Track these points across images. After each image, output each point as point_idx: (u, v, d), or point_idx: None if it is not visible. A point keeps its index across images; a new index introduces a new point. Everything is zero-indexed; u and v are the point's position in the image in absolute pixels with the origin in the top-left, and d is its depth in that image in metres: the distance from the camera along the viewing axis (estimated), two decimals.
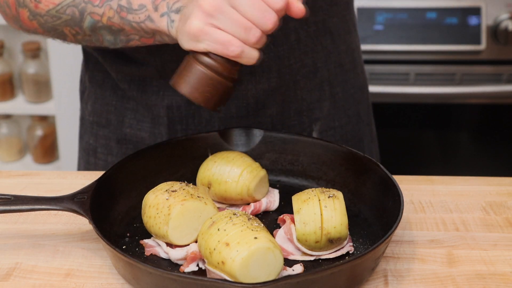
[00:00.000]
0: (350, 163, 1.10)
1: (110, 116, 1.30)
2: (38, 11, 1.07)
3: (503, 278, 0.94)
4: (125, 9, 1.01)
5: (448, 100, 2.17)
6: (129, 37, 1.04)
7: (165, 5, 0.98)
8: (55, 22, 1.06)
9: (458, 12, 2.10)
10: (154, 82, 1.23)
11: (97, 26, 1.04)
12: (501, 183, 1.18)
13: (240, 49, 0.92)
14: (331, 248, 0.97)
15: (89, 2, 1.03)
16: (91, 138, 1.34)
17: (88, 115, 1.34)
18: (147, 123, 1.26)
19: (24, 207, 0.98)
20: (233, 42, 0.92)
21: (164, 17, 0.98)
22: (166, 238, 0.97)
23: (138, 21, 1.00)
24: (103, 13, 1.02)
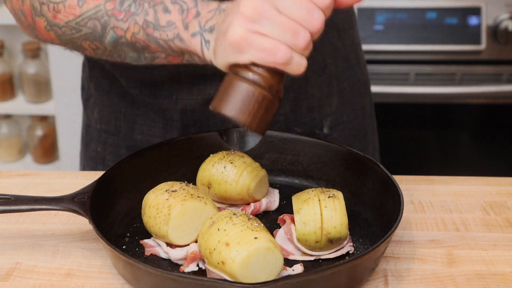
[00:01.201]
0: (350, 163, 1.10)
1: (120, 123, 1.28)
2: (56, 21, 0.99)
3: (503, 278, 0.94)
4: (152, 25, 0.93)
5: (448, 100, 2.17)
6: (154, 54, 0.97)
7: (197, 23, 0.90)
8: (74, 35, 0.99)
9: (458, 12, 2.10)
10: (166, 86, 1.22)
11: (120, 42, 0.97)
12: (501, 183, 1.18)
13: (288, 54, 0.84)
14: (331, 248, 0.97)
15: (112, 16, 0.95)
16: (98, 146, 1.31)
17: (95, 122, 1.31)
18: (159, 128, 1.25)
19: (24, 207, 0.98)
20: (280, 47, 0.84)
21: (196, 37, 0.90)
22: (166, 238, 0.97)
23: (166, 39, 0.92)
24: (127, 28, 0.95)
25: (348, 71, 1.31)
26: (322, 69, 1.26)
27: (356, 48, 1.34)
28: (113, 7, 0.95)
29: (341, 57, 1.29)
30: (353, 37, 1.33)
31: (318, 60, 1.25)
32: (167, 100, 1.23)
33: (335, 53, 1.28)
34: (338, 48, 1.28)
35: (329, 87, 1.28)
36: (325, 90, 1.28)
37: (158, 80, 1.21)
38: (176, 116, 1.23)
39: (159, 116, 1.25)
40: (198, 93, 1.21)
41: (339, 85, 1.29)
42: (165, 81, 1.21)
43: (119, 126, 1.28)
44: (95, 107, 1.32)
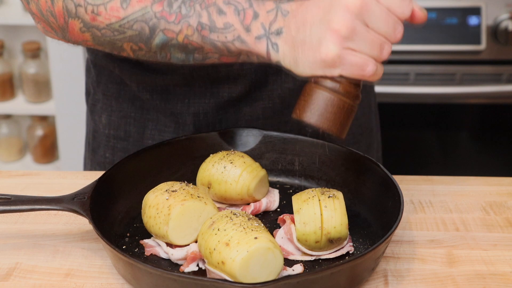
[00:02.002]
0: (350, 163, 1.10)
1: (129, 128, 1.27)
2: (96, 23, 0.98)
3: (503, 278, 0.94)
4: (207, 27, 0.93)
5: (448, 100, 2.17)
6: (206, 55, 0.97)
7: (260, 26, 0.91)
8: (116, 37, 0.98)
9: (458, 12, 2.10)
10: (178, 90, 1.21)
11: (169, 44, 0.96)
12: (501, 183, 1.18)
13: (375, 68, 0.88)
14: (331, 248, 0.97)
15: (162, 18, 0.94)
16: (107, 151, 1.31)
17: (103, 128, 1.31)
18: (170, 133, 1.25)
19: (24, 207, 0.98)
20: (369, 63, 0.87)
21: (262, 40, 0.91)
22: (166, 238, 0.97)
23: (224, 41, 0.93)
24: (179, 30, 0.94)
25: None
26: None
27: None
28: (162, 9, 0.95)
29: None
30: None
31: None
32: (179, 104, 1.22)
33: None
34: None
35: None
36: None
37: (170, 84, 1.21)
38: (189, 119, 1.23)
39: (171, 120, 1.24)
40: (211, 96, 1.21)
41: None
42: (177, 85, 1.21)
43: (129, 131, 1.28)
44: (103, 113, 1.30)
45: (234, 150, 1.15)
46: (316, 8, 0.88)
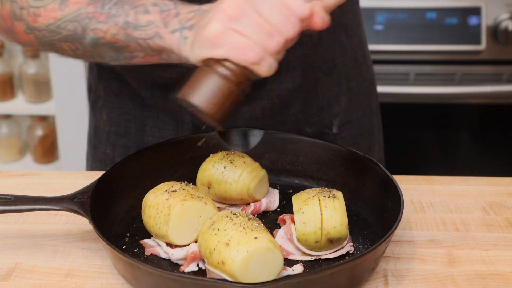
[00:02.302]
0: (350, 163, 1.10)
1: (130, 125, 1.28)
2: (36, 25, 1.02)
3: (503, 278, 0.94)
4: (132, 25, 0.96)
5: (448, 100, 2.17)
6: (133, 53, 1.00)
7: (177, 22, 0.94)
8: (54, 37, 1.02)
9: (458, 12, 2.10)
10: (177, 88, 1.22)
11: (100, 43, 0.99)
12: (501, 183, 1.18)
13: (259, 55, 0.88)
14: (331, 248, 0.97)
15: (93, 18, 0.98)
16: (108, 148, 1.32)
17: (104, 124, 1.32)
18: (170, 130, 1.25)
19: (24, 207, 0.98)
20: (253, 47, 0.88)
21: (175, 34, 0.93)
22: (166, 238, 0.97)
23: (145, 37, 0.95)
24: (107, 29, 0.97)
25: (356, 70, 1.32)
26: (331, 69, 1.27)
27: (363, 47, 1.35)
28: (94, 10, 0.98)
29: (349, 56, 1.30)
30: (360, 36, 1.33)
31: (328, 59, 1.26)
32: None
33: (344, 53, 1.28)
34: (346, 48, 1.29)
35: (338, 87, 1.29)
36: (335, 90, 1.28)
37: (169, 83, 1.21)
38: (188, 118, 1.23)
39: (170, 118, 1.24)
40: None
41: (347, 84, 1.30)
42: (176, 83, 1.21)
43: (129, 128, 1.28)
44: (104, 109, 1.31)
45: (234, 150, 1.15)
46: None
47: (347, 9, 1.27)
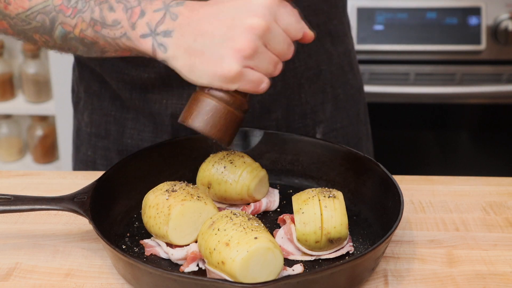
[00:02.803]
0: (350, 163, 1.10)
1: (110, 127, 1.28)
2: (8, 12, 1.01)
3: (503, 278, 0.94)
4: (99, 23, 0.96)
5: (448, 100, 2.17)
6: (103, 49, 1.00)
7: (146, 25, 0.93)
8: (25, 27, 1.01)
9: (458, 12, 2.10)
10: (156, 91, 1.22)
11: (69, 37, 0.99)
12: (501, 183, 1.18)
13: (269, 84, 0.93)
14: (331, 248, 0.97)
15: (60, 12, 0.98)
16: (89, 149, 1.32)
17: (85, 126, 1.32)
18: (149, 133, 1.25)
19: (24, 207, 0.98)
20: (264, 79, 0.92)
21: (147, 39, 0.93)
22: (166, 238, 0.97)
23: (113, 37, 0.96)
24: (75, 24, 0.97)
25: (342, 78, 1.32)
26: (316, 76, 1.27)
27: (350, 55, 1.34)
28: (61, 3, 0.98)
29: (335, 64, 1.30)
30: (347, 44, 1.33)
31: (313, 66, 1.26)
32: (157, 105, 1.22)
33: (330, 60, 1.28)
34: (332, 55, 1.29)
35: (323, 94, 1.28)
36: (319, 97, 1.28)
37: (148, 84, 1.21)
38: (167, 120, 1.23)
39: (149, 120, 1.24)
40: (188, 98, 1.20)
41: (333, 92, 1.30)
42: (155, 85, 1.21)
43: (109, 130, 1.28)
44: (85, 110, 1.32)
45: (234, 150, 1.15)
46: (216, 21, 0.90)
47: (333, 16, 1.27)
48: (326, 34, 1.27)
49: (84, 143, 1.33)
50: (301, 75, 1.25)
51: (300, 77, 1.25)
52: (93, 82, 1.28)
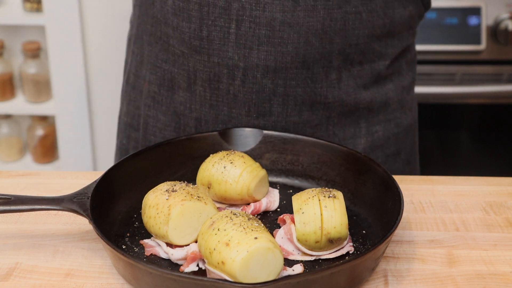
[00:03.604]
0: (350, 163, 1.10)
1: (140, 120, 1.30)
2: None
3: (503, 278, 0.94)
4: None
5: (448, 100, 2.17)
6: None
7: None
8: None
9: (458, 12, 2.10)
10: (181, 92, 1.22)
11: None
12: (501, 183, 1.18)
13: None
14: (331, 248, 0.97)
15: None
16: (124, 138, 1.35)
17: (123, 115, 1.36)
18: (171, 132, 1.26)
19: (24, 207, 0.98)
20: None
21: None
22: (166, 238, 0.97)
23: None
24: None
25: (385, 115, 1.26)
26: (351, 112, 1.22)
27: (402, 93, 1.28)
28: None
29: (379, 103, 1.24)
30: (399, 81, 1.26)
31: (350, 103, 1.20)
32: (182, 106, 1.23)
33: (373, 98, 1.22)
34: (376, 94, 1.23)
35: (355, 128, 1.23)
36: (350, 131, 1.23)
37: (175, 83, 1.22)
38: (191, 123, 1.23)
39: (172, 119, 1.25)
40: (211, 108, 1.21)
41: (369, 128, 1.24)
42: (181, 85, 1.22)
43: (139, 123, 1.31)
44: (124, 100, 1.35)
45: (234, 150, 1.15)
46: None
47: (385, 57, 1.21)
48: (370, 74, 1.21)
49: (121, 131, 1.37)
50: (333, 109, 1.21)
51: (331, 111, 1.21)
52: (131, 73, 1.31)
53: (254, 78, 1.16)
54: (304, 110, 1.19)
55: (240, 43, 1.14)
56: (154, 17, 1.22)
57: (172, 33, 1.18)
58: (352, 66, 1.19)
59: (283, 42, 1.13)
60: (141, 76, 1.28)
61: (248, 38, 1.14)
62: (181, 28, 1.17)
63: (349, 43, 1.16)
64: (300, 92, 1.17)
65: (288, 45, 1.14)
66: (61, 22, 2.40)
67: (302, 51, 1.14)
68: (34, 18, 2.46)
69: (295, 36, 1.13)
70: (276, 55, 1.14)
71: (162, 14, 1.19)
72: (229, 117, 1.20)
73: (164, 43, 1.21)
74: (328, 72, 1.18)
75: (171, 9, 1.17)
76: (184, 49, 1.18)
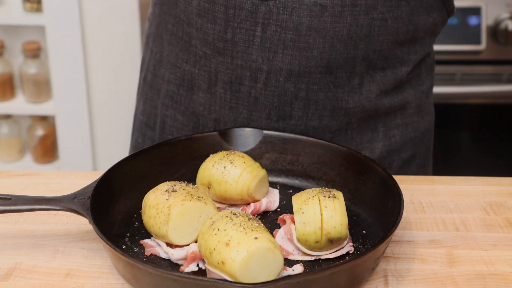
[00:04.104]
0: (350, 163, 1.10)
1: (156, 119, 1.31)
2: None
3: (503, 278, 0.94)
4: None
5: (448, 100, 2.17)
6: None
7: None
8: None
9: (458, 12, 2.10)
10: (201, 93, 1.22)
11: None
12: (501, 183, 1.18)
13: None
14: (331, 248, 0.97)
15: None
16: (139, 137, 1.36)
17: (139, 113, 1.36)
18: (188, 132, 1.26)
19: (24, 207, 0.98)
20: None
21: None
22: (166, 238, 0.97)
23: None
24: None
25: (403, 120, 1.26)
26: (370, 117, 1.22)
27: (421, 98, 1.28)
28: None
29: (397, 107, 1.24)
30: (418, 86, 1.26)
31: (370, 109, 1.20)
32: (201, 107, 1.23)
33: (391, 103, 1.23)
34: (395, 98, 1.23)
35: (373, 132, 1.24)
36: (368, 135, 1.23)
37: (195, 83, 1.22)
38: (210, 123, 1.23)
39: (190, 120, 1.25)
40: (230, 110, 1.21)
41: (386, 132, 1.24)
42: (201, 86, 1.22)
43: (156, 122, 1.31)
44: (140, 98, 1.35)
45: (234, 150, 1.15)
46: None
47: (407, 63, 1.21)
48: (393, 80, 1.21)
49: (136, 129, 1.37)
50: (354, 114, 1.21)
51: (352, 117, 1.21)
52: (150, 73, 1.31)
53: (276, 82, 1.16)
54: (324, 115, 1.19)
55: (265, 46, 1.14)
56: (177, 17, 1.21)
57: (195, 34, 1.18)
58: (375, 72, 1.19)
59: (308, 47, 1.13)
60: (160, 76, 1.28)
61: (274, 42, 1.14)
62: (205, 29, 1.16)
63: (373, 49, 1.16)
64: (321, 97, 1.17)
65: (313, 50, 1.14)
66: (61, 22, 2.40)
67: (327, 56, 1.14)
68: (34, 18, 2.46)
69: (320, 41, 1.13)
70: (300, 59, 1.14)
71: (186, 14, 1.19)
72: (249, 119, 1.20)
73: (186, 43, 1.21)
74: (351, 77, 1.18)
75: (196, 10, 1.17)
76: (206, 50, 1.18)
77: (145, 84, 1.33)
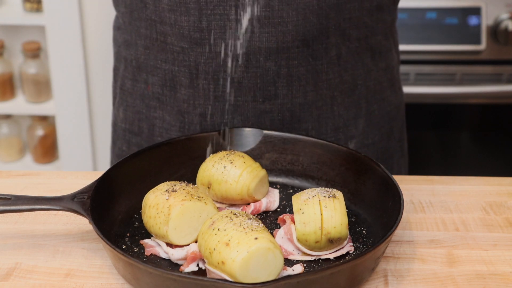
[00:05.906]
0: (350, 163, 1.10)
1: (142, 124, 1.30)
2: None
3: (503, 278, 0.94)
4: None
5: (448, 100, 2.17)
6: None
7: None
8: None
9: (458, 12, 2.10)
10: (183, 90, 1.23)
11: None
12: (501, 183, 1.18)
13: None
14: (331, 248, 0.97)
15: None
16: (124, 144, 1.35)
17: (120, 122, 1.35)
18: (176, 131, 1.26)
19: (24, 207, 0.98)
20: None
21: None
22: (166, 238, 0.97)
23: None
24: None
25: (380, 94, 1.29)
26: (351, 90, 1.25)
27: (392, 72, 1.32)
28: None
29: (373, 79, 1.27)
30: (390, 60, 1.31)
31: (348, 80, 1.24)
32: (185, 104, 1.23)
33: (367, 75, 1.26)
34: (371, 70, 1.27)
35: (357, 108, 1.26)
36: (353, 111, 1.26)
37: (177, 81, 1.22)
38: (196, 119, 1.23)
39: (176, 119, 1.25)
40: (214, 100, 1.21)
41: (368, 107, 1.28)
42: (183, 83, 1.22)
43: (141, 127, 1.30)
44: (120, 107, 1.34)
45: (234, 150, 1.15)
46: None
47: (377, 32, 1.26)
48: (367, 49, 1.25)
49: (119, 138, 1.36)
50: (335, 87, 1.23)
51: (333, 90, 1.23)
52: (127, 79, 1.31)
53: (257, 62, 1.17)
54: (308, 91, 1.21)
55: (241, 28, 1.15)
56: (148, 19, 1.22)
57: (170, 31, 1.18)
58: (350, 43, 1.22)
59: (283, 22, 1.15)
60: (141, 81, 1.28)
61: (249, 22, 1.15)
62: (180, 23, 1.17)
63: (343, 17, 1.18)
64: (303, 71, 1.19)
65: (288, 24, 1.15)
66: (61, 22, 2.40)
67: (302, 29, 1.16)
68: (34, 18, 2.46)
69: (293, 14, 1.15)
70: (277, 35, 1.16)
71: (157, 13, 1.20)
72: (235, 106, 1.21)
73: (161, 43, 1.21)
74: (328, 48, 1.20)
75: (167, 6, 1.17)
76: (184, 44, 1.19)
77: (123, 92, 1.33)
